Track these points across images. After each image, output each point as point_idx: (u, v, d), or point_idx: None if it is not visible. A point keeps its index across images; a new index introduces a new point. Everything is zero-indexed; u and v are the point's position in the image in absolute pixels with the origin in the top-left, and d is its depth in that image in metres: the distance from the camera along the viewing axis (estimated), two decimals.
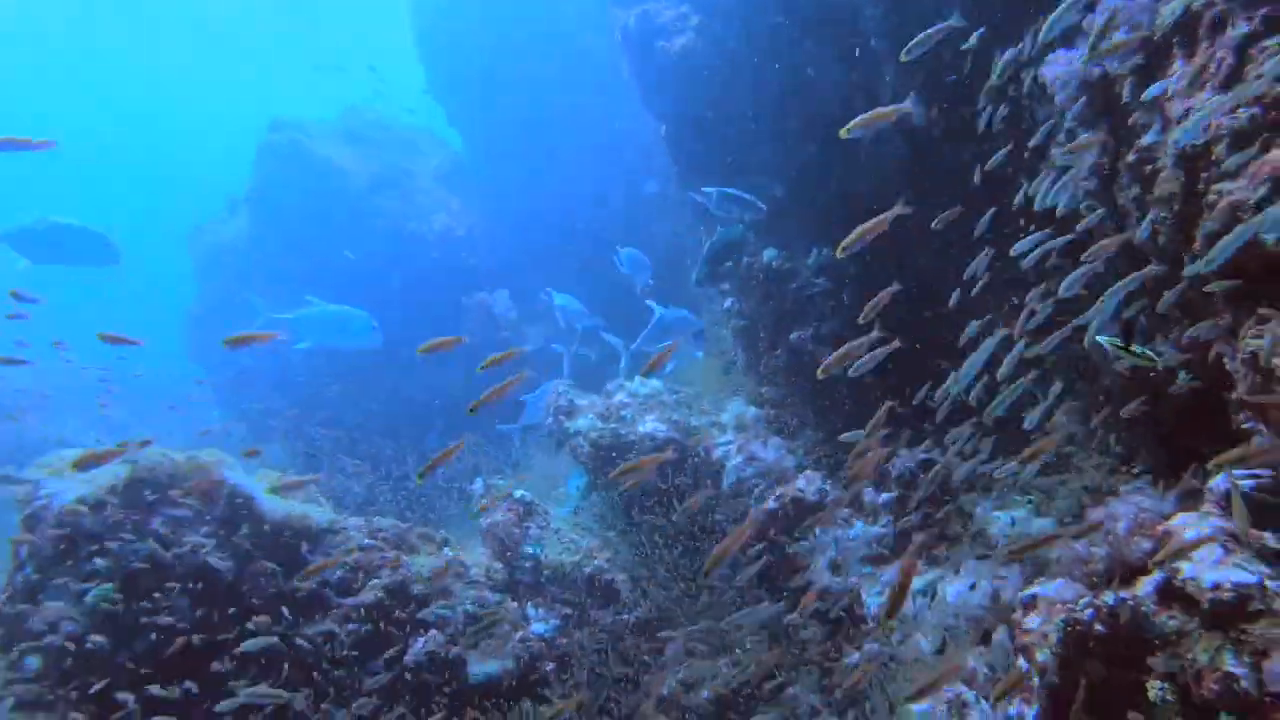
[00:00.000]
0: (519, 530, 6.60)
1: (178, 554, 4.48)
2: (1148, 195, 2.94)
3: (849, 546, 5.73)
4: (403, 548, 5.92)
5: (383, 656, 5.24)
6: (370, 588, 5.33)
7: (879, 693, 4.92)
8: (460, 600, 5.65)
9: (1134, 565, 2.94)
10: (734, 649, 6.11)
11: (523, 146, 12.52)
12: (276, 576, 4.94)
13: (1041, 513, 4.71)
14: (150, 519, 4.49)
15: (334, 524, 5.45)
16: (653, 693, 6.02)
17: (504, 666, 5.52)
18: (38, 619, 4.12)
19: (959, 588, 5.02)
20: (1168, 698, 2.56)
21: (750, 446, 6.76)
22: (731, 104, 7.51)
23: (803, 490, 6.08)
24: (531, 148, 12.47)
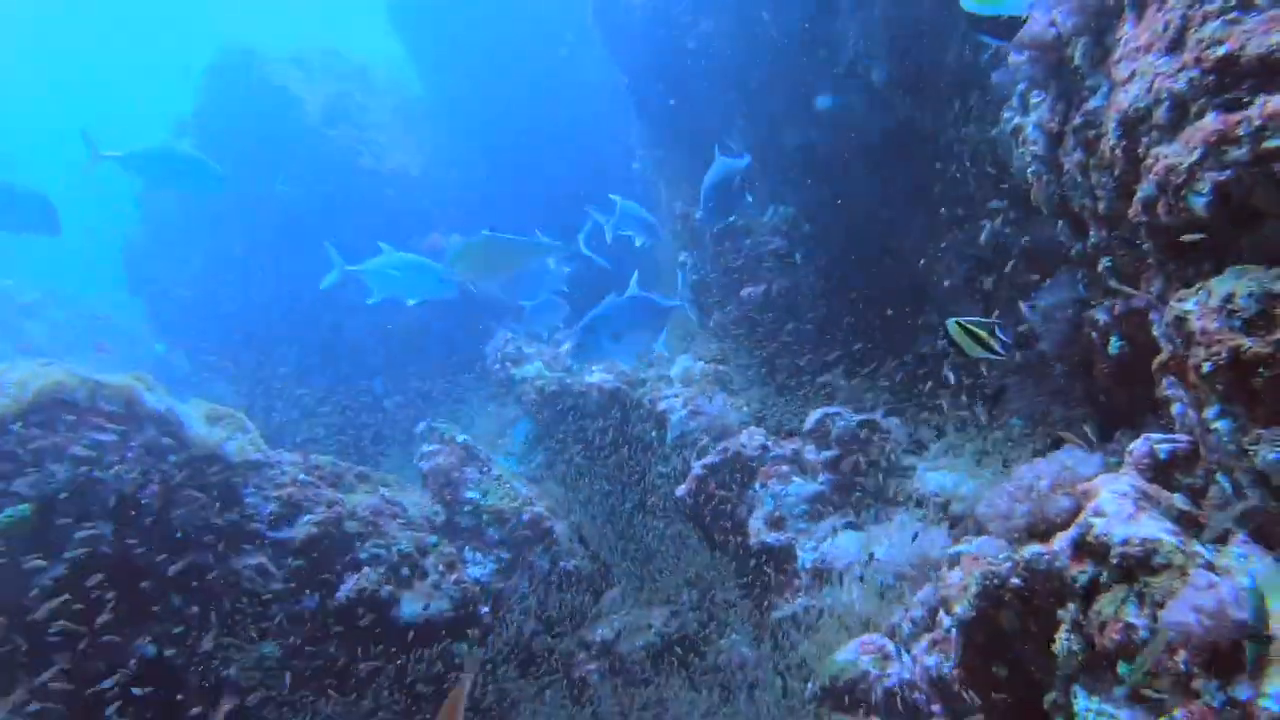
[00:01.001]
0: (459, 474, 6.57)
1: (99, 478, 4.36)
2: (1090, 159, 2.96)
3: (787, 502, 5.80)
4: (339, 485, 5.86)
5: (313, 593, 5.20)
6: (303, 523, 5.27)
7: (807, 643, 5.02)
8: (396, 540, 5.62)
9: (1054, 522, 3.01)
10: (669, 599, 6.19)
11: (486, 89, 12.23)
12: (205, 506, 4.85)
13: (973, 475, 4.81)
14: (71, 441, 4.36)
15: (269, 457, 5.35)
16: (588, 639, 6.09)
17: (438, 608, 5.51)
18: None
19: (889, 546, 5.12)
20: (1073, 648, 2.64)
21: (695, 401, 6.78)
22: (694, 57, 7.41)
23: (745, 445, 6.12)
24: (495, 90, 12.20)
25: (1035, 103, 3.39)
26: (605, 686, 5.87)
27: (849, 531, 5.50)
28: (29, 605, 4.10)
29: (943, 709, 3.76)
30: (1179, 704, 2.10)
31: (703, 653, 5.81)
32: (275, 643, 4.94)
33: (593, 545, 6.65)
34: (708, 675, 5.60)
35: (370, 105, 12.66)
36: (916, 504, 5.32)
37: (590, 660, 6.00)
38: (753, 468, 6.07)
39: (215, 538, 4.89)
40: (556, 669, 5.85)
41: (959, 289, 5.48)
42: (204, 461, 4.92)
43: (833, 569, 5.32)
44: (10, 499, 4.10)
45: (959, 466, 5.26)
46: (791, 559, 5.61)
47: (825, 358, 6.65)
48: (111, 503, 4.36)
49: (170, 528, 4.67)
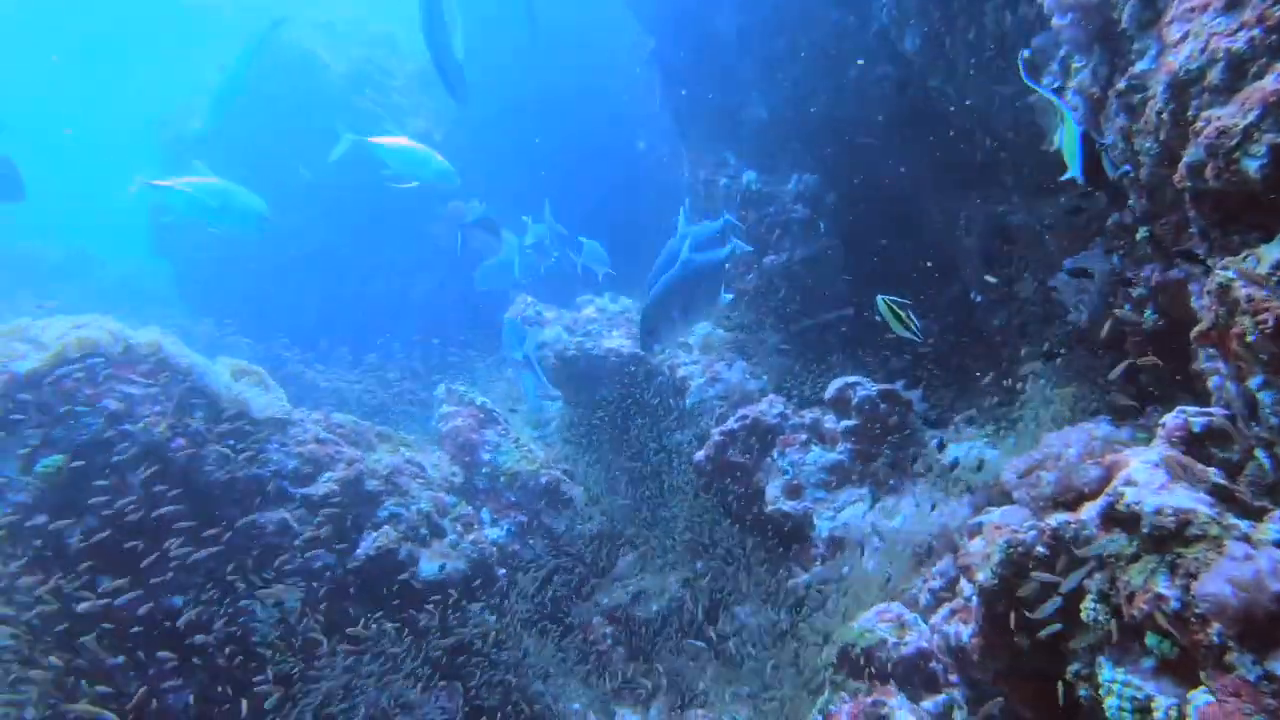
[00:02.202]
0: (477, 436, 6.60)
1: (129, 430, 4.40)
2: (1134, 125, 2.90)
3: (805, 471, 5.80)
4: (360, 444, 5.89)
5: (334, 549, 5.25)
6: (324, 480, 5.31)
7: (823, 612, 5.03)
8: (415, 499, 5.65)
9: (1081, 491, 2.99)
10: (684, 565, 6.22)
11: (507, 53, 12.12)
12: (230, 461, 4.89)
13: (998, 445, 4.78)
14: (102, 394, 4.40)
15: (291, 414, 5.39)
16: (602, 603, 6.14)
17: (455, 567, 5.56)
18: None
19: (908, 516, 5.12)
20: (1099, 617, 2.62)
21: (715, 367, 6.77)
22: (720, 21, 7.31)
23: (764, 413, 6.11)
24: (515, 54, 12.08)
25: (1076, 67, 3.32)
26: (619, 650, 5.93)
27: (867, 501, 5.50)
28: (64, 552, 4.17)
29: (961, 678, 3.77)
30: (1212, 677, 2.09)
31: (716, 619, 5.84)
32: (297, 597, 5.00)
33: (609, 510, 6.68)
34: (722, 641, 5.64)
35: (394, 71, 12.61)
36: (937, 474, 5.31)
37: (605, 624, 6.05)
38: (771, 435, 6.07)
39: (239, 492, 4.95)
40: (571, 632, 5.90)
41: (986, 259, 5.42)
42: (229, 417, 4.96)
43: (850, 538, 5.33)
44: (46, 449, 4.15)
45: (981, 436, 5.24)
46: (809, 527, 5.61)
47: (845, 327, 6.62)
48: (140, 455, 4.40)
49: (196, 481, 4.72)
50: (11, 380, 4.26)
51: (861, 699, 4.33)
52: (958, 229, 6.00)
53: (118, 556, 4.39)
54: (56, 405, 4.28)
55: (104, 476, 4.34)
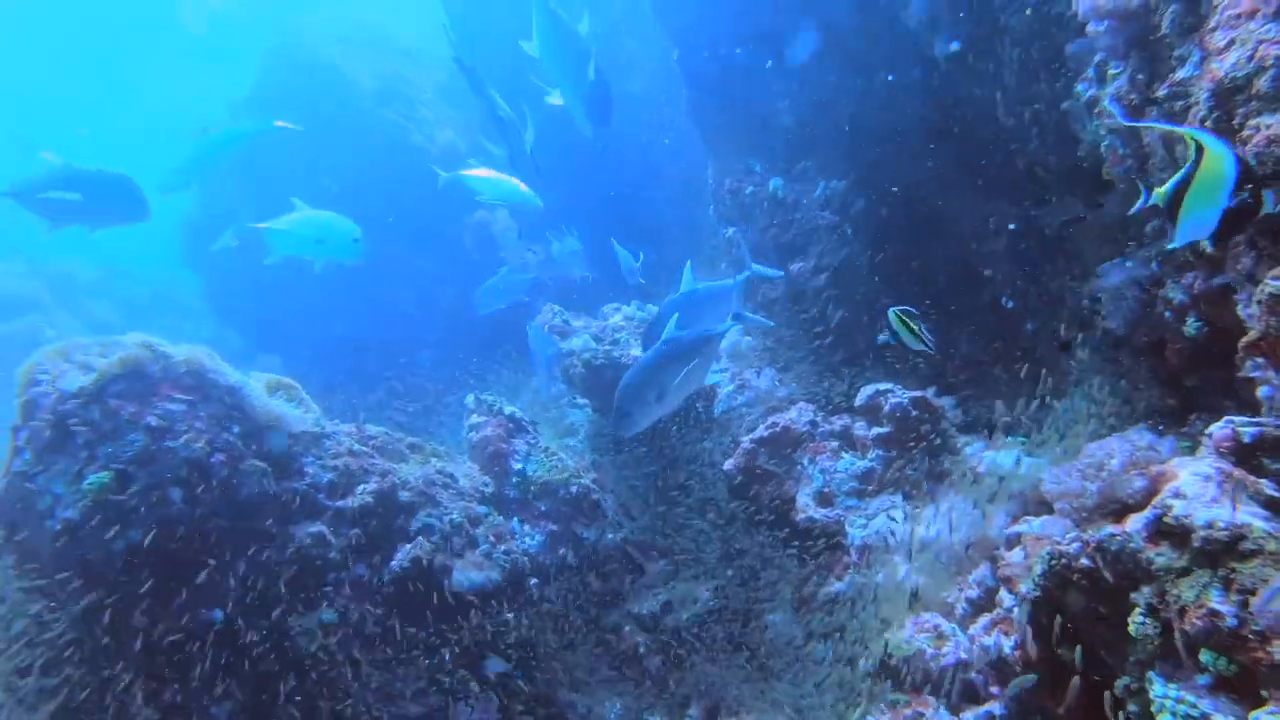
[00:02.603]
0: (507, 446, 6.62)
1: (170, 447, 4.47)
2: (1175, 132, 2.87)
3: (837, 478, 5.78)
4: (392, 456, 5.93)
5: (368, 562, 5.29)
6: (359, 493, 5.35)
7: (857, 621, 5.01)
8: (448, 510, 5.68)
9: (1126, 502, 2.96)
10: (715, 574, 6.21)
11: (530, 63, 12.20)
12: (266, 475, 4.94)
13: (1034, 453, 4.73)
14: (145, 411, 4.47)
15: (324, 428, 5.44)
16: (634, 612, 6.13)
17: (489, 577, 5.58)
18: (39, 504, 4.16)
19: (944, 525, 5.08)
20: (1149, 631, 2.59)
21: (743, 375, 6.77)
22: (746, 25, 7.30)
23: (794, 420, 6.10)
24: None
25: (1113, 74, 3.30)
26: (652, 659, 5.93)
27: (901, 509, 5.46)
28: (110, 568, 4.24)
29: (1002, 690, 3.74)
30: (1275, 697, 2.06)
31: (749, 628, 5.82)
32: (333, 610, 5.04)
33: (639, 519, 6.68)
34: (754, 651, 5.63)
35: (418, 82, 12.72)
36: (972, 482, 5.26)
37: (638, 633, 6.05)
38: (802, 443, 6.05)
39: (276, 506, 5.00)
40: (604, 641, 5.91)
41: (1017, 266, 5.38)
42: (267, 432, 5.02)
43: (883, 547, 5.29)
44: (93, 466, 4.23)
45: (1016, 444, 5.19)
46: (841, 536, 5.59)
47: (876, 334, 6.58)
48: (182, 471, 4.47)
49: (235, 495, 4.77)
50: (60, 399, 4.34)
51: (900, 710, 4.31)
52: (988, 234, 5.96)
53: (160, 570, 4.46)
54: (102, 423, 4.36)
55: (147, 492, 4.40)
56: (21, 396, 4.55)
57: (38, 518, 4.42)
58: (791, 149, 7.15)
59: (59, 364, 4.45)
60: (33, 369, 4.54)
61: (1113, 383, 4.11)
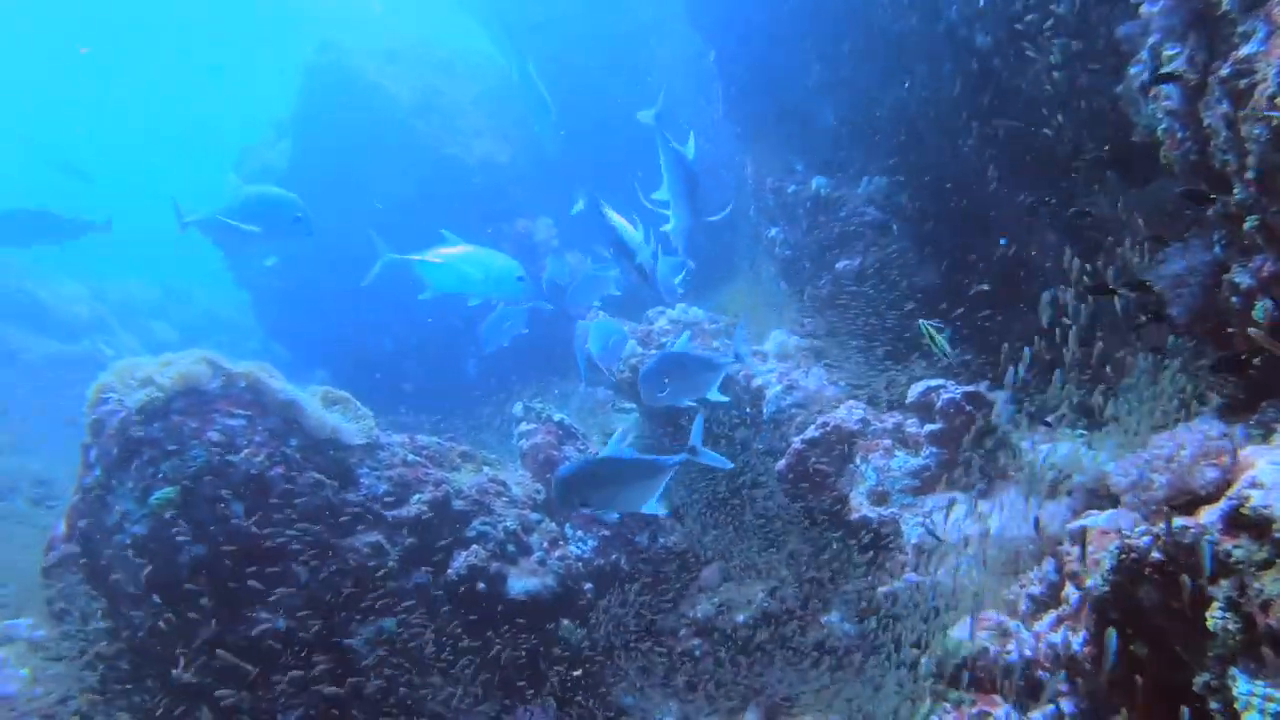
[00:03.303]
0: (557, 453, 6.66)
1: (232, 461, 4.57)
2: (1239, 111, 2.79)
3: (891, 477, 5.71)
4: (445, 465, 6.00)
5: (425, 570, 5.35)
6: (414, 502, 5.42)
7: (917, 620, 4.94)
8: (501, 517, 5.73)
9: (1197, 494, 2.88)
10: (769, 575, 6.17)
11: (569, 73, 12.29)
12: (324, 487, 5.03)
13: (1095, 446, 4.63)
14: (206, 427, 4.58)
15: (379, 438, 5.52)
16: (688, 615, 6.12)
17: (544, 583, 5.61)
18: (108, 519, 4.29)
19: (1003, 520, 4.99)
20: (1229, 626, 2.52)
21: (791, 375, 6.72)
22: (782, 26, 7.28)
23: (844, 419, 6.04)
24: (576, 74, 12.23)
25: (1169, 55, 3.22)
26: (707, 662, 5.91)
27: (958, 506, 5.38)
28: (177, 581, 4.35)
29: (1071, 687, 3.66)
30: None
31: (805, 629, 5.78)
32: (393, 618, 5.11)
33: (692, 522, 6.67)
34: (811, 652, 5.58)
35: (456, 95, 12.87)
36: (1031, 476, 5.17)
37: (692, 635, 6.04)
38: (854, 442, 5.99)
39: (334, 517, 5.08)
40: (660, 644, 5.90)
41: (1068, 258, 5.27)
42: (323, 444, 5.11)
43: (941, 544, 5.22)
44: (159, 482, 4.34)
45: (1075, 436, 5.08)
46: (897, 534, 5.53)
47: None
48: (243, 485, 4.57)
49: (293, 507, 4.86)
50: (126, 417, 4.47)
51: (965, 710, 4.23)
52: (1038, 224, 5.85)
53: (225, 582, 4.56)
54: (165, 440, 4.48)
55: (210, 506, 4.51)
56: (90, 415, 4.69)
57: (108, 532, 4.56)
58: (833, 146, 7.11)
59: (125, 383, 4.58)
60: (100, 388, 4.68)
61: (1177, 372, 4.01)
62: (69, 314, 14.51)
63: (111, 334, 14.54)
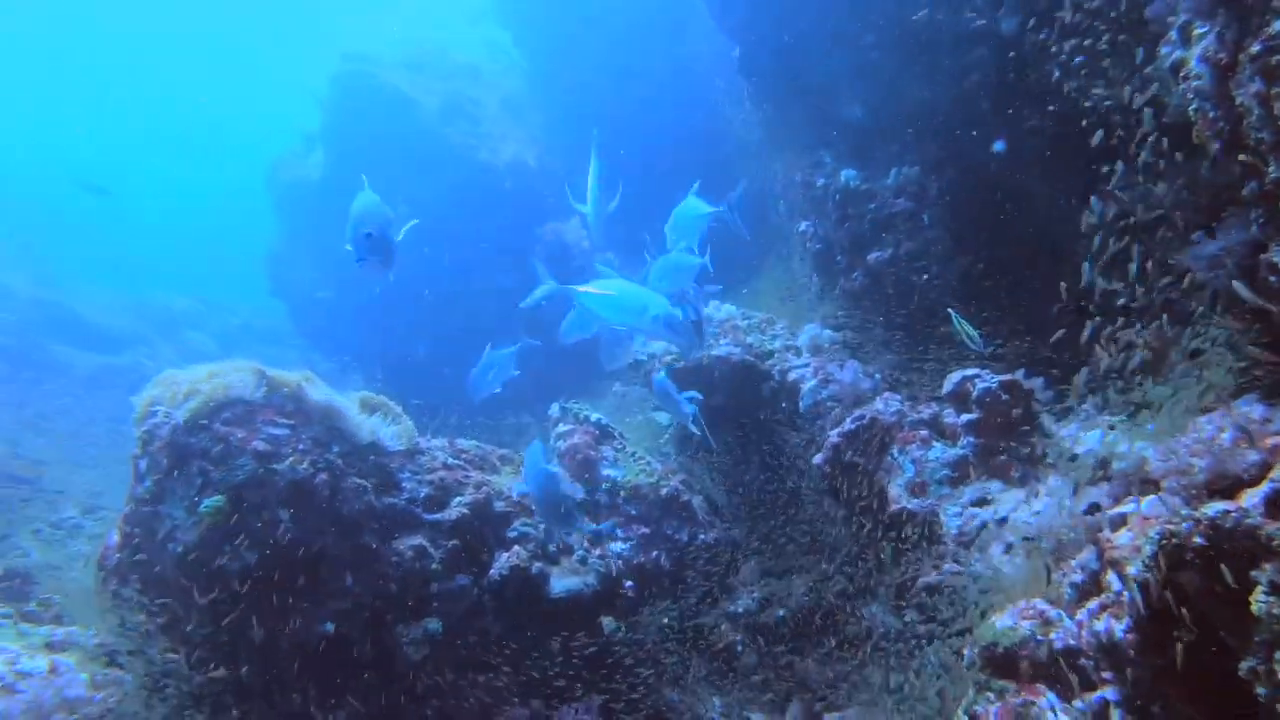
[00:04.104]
0: (595, 453, 6.71)
1: (277, 470, 4.69)
2: (1272, 89, 2.76)
3: (928, 467, 5.69)
4: (485, 467, 6.09)
5: (468, 572, 5.43)
6: (455, 505, 5.50)
7: (957, 610, 4.93)
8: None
9: (1240, 477, 2.85)
10: (809, 569, 6.18)
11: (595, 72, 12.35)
12: (367, 492, 5.13)
13: (1134, 431, 4.58)
14: (252, 436, 4.70)
15: (418, 443, 5.62)
16: (730, 610, 6.15)
17: (585, 582, 5.67)
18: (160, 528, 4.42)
19: (1041, 508, 4.96)
20: (1274, 610, 2.50)
21: (826, 369, 6.71)
22: (806, 19, 7.26)
23: (880, 412, 6.03)
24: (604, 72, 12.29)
25: (1199, 34, 3.18)
26: (750, 656, 5.93)
27: (997, 495, 5.35)
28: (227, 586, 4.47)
29: (1115, 675, 3.63)
30: None
31: (845, 621, 5.78)
32: (438, 619, 5.20)
33: (730, 518, 6.69)
34: (852, 644, 5.58)
35: (482, 100, 13.01)
36: (1069, 463, 5.12)
37: (735, 630, 6.07)
38: (890, 434, 5.97)
39: (377, 521, 5.19)
40: (702, 639, 5.94)
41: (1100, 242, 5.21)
42: (365, 450, 5.21)
43: (981, 533, 5.19)
44: (208, 491, 4.47)
45: (1114, 422, 5.02)
46: (936, 524, 5.50)
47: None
48: (288, 492, 4.68)
49: (338, 512, 4.97)
50: (174, 429, 4.60)
51: (1009, 699, 4.21)
52: (1069, 209, 5.79)
53: (273, 587, 4.67)
54: (213, 449, 4.60)
55: (257, 513, 4.63)
56: (140, 428, 4.84)
57: (160, 541, 4.69)
58: (861, 138, 7.08)
59: (172, 395, 4.71)
60: (148, 402, 4.82)
61: (1215, 355, 3.96)
62: (112, 328, 14.92)
63: (152, 346, 14.93)
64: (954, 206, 6.60)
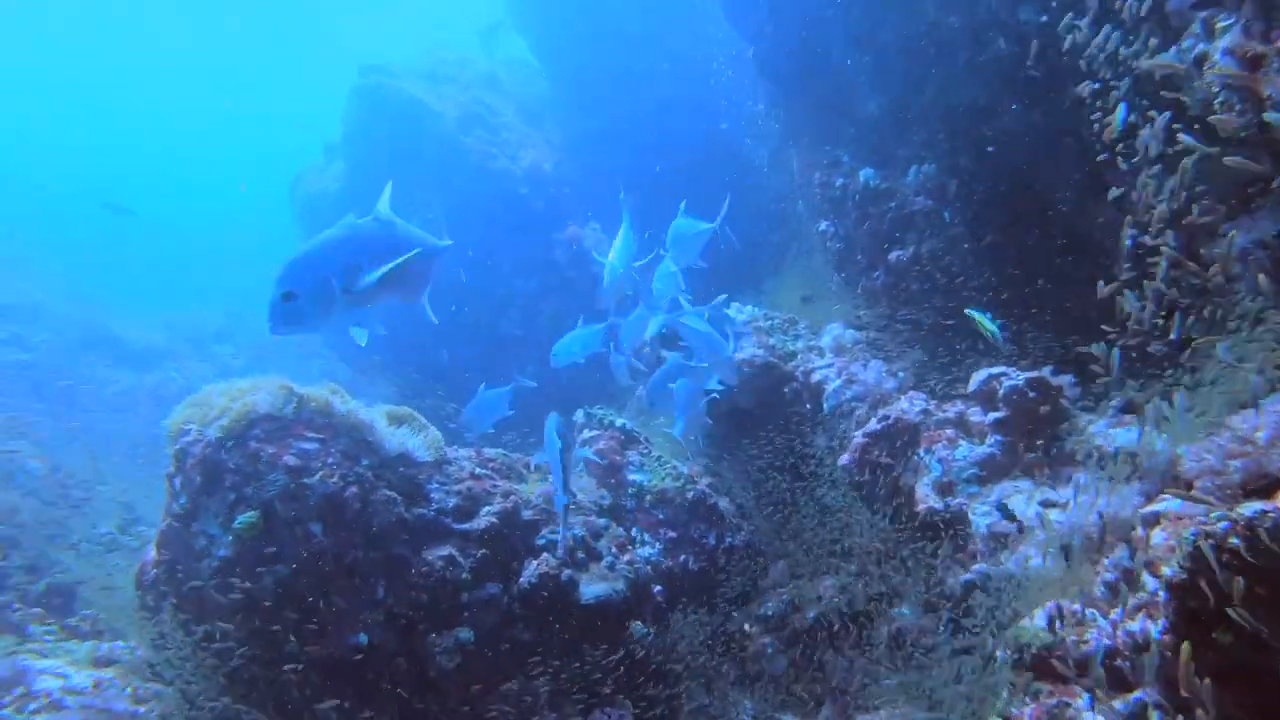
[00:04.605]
0: (621, 458, 6.73)
1: (308, 484, 4.74)
2: None
3: (955, 466, 5.66)
4: (511, 476, 6.12)
5: (497, 580, 5.46)
6: (484, 514, 5.54)
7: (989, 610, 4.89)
8: (570, 525, 5.82)
9: (1276, 476, 2.82)
10: (837, 570, 6.15)
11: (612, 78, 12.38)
12: (397, 504, 5.18)
13: (1165, 429, 4.53)
14: (283, 452, 4.76)
15: (447, 454, 5.66)
16: (758, 613, 6.15)
17: (614, 588, 5.69)
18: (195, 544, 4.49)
19: (1072, 507, 4.91)
20: None
21: (850, 369, 6.69)
22: (821, 19, 7.23)
23: (905, 411, 6.00)
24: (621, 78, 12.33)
25: (1223, 26, 3.14)
26: (780, 658, 5.92)
27: (1025, 493, 5.31)
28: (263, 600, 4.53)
29: (1152, 676, 3.60)
30: None
31: (876, 623, 5.75)
32: (469, 628, 5.24)
33: (758, 520, 6.68)
34: (883, 645, 5.56)
35: (499, 107, 13.08)
36: (1099, 462, 5.07)
37: (764, 633, 6.06)
38: (916, 433, 5.95)
39: (407, 532, 5.23)
40: (732, 643, 5.94)
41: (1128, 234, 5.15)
42: (394, 462, 5.26)
43: (1010, 533, 5.15)
44: (241, 506, 4.54)
45: (1144, 421, 4.97)
46: (964, 524, 5.47)
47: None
48: (320, 506, 4.73)
49: (368, 525, 5.02)
50: (207, 447, 4.67)
51: (1044, 700, 4.18)
52: (1093, 203, 5.73)
53: (308, 599, 4.73)
54: (245, 466, 4.67)
55: (290, 527, 4.69)
56: (173, 446, 4.92)
57: (196, 556, 4.77)
58: (878, 136, 7.05)
59: (203, 414, 4.78)
60: (180, 420, 4.90)
61: (1248, 351, 3.91)
62: (144, 343, 15.14)
63: (181, 360, 15.15)
64: (975, 203, 6.56)
